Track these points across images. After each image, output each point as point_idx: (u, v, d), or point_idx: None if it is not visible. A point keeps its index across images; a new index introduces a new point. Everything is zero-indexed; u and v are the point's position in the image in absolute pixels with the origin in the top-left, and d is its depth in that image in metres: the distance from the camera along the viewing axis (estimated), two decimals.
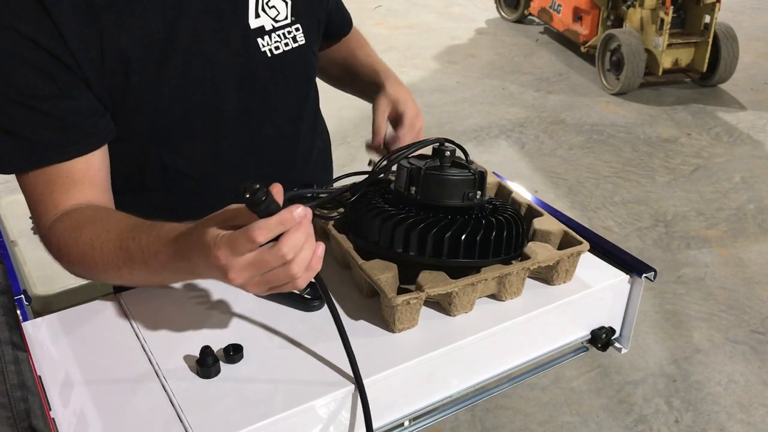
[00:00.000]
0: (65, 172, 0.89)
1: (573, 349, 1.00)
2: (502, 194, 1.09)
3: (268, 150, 1.08)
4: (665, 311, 2.65)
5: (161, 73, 0.91)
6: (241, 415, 0.74)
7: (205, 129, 1.00)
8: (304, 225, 0.70)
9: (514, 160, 3.83)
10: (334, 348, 0.83)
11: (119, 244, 0.81)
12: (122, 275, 0.84)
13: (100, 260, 0.83)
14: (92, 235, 0.84)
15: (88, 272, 0.88)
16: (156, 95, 0.92)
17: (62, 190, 0.89)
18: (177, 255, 0.76)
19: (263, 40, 1.00)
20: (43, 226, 0.90)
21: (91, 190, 0.91)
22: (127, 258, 0.81)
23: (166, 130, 0.97)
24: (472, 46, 5.66)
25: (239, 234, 0.68)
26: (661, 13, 4.30)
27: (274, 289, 0.74)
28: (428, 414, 0.88)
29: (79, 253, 0.85)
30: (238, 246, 0.68)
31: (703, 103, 4.49)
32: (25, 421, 0.67)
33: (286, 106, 1.08)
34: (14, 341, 0.74)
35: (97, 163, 0.92)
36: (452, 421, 2.15)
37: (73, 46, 0.84)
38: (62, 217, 0.88)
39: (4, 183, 3.63)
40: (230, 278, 0.70)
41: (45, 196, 0.89)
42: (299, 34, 1.04)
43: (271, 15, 1.02)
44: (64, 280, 1.84)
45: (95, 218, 0.87)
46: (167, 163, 1.00)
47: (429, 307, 0.90)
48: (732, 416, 2.19)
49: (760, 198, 3.45)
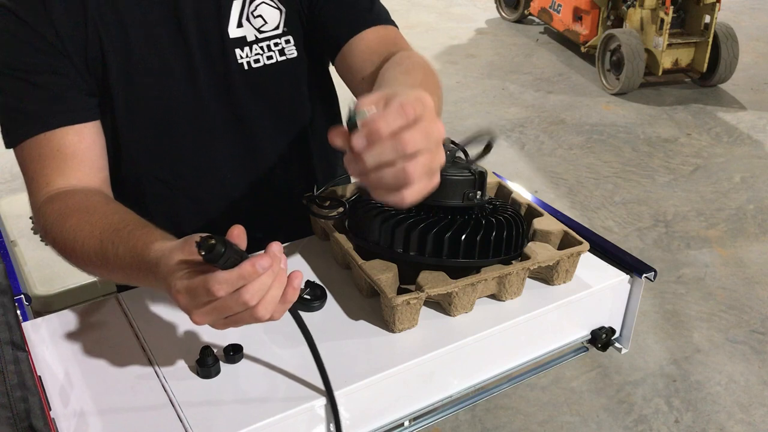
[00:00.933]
0: (56, 144, 0.90)
1: (573, 349, 1.00)
2: (502, 194, 1.09)
3: (253, 162, 1.06)
4: (665, 311, 2.65)
5: (136, 72, 0.94)
6: (241, 415, 0.74)
7: (182, 134, 1.00)
8: (271, 270, 0.65)
9: (514, 160, 3.83)
10: (334, 348, 0.83)
11: (99, 245, 0.81)
12: (102, 274, 0.84)
13: (81, 254, 0.83)
14: (76, 227, 0.83)
15: (71, 261, 0.87)
16: (128, 88, 0.94)
17: (53, 165, 0.89)
18: (149, 276, 0.74)
19: (242, 52, 0.98)
20: (34, 204, 0.91)
21: (83, 168, 0.91)
22: (105, 260, 0.80)
23: (140, 128, 0.98)
24: (472, 46, 5.66)
25: (198, 284, 0.65)
26: (661, 13, 4.30)
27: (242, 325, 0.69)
28: (428, 414, 0.88)
29: (62, 241, 0.85)
30: (197, 296, 0.65)
31: (703, 103, 4.49)
32: (25, 421, 0.67)
33: (267, 121, 1.04)
34: (14, 341, 0.74)
35: (89, 139, 0.92)
36: (452, 421, 2.15)
37: (63, 36, 0.90)
38: (53, 198, 0.88)
39: (3, 183, 3.63)
40: (193, 320, 0.68)
41: (37, 173, 0.90)
42: (290, 47, 1.00)
43: (256, 25, 0.98)
44: (64, 280, 1.84)
45: (82, 207, 0.86)
46: (141, 164, 1.00)
47: (429, 307, 0.90)
48: (732, 416, 2.19)
49: (760, 198, 3.45)
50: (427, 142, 0.60)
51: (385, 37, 1.00)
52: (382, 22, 1.01)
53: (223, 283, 0.63)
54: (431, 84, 0.89)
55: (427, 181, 0.62)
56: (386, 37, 1.01)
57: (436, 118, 0.63)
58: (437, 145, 0.62)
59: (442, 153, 0.63)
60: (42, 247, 1.97)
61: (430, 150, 0.61)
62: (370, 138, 0.59)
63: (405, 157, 0.59)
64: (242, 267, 0.63)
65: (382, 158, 0.59)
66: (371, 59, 0.98)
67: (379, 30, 1.00)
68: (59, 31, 0.89)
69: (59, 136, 0.90)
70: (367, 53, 0.99)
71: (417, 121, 0.59)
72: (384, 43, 0.99)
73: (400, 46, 0.99)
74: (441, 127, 0.63)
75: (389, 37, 1.01)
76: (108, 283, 1.85)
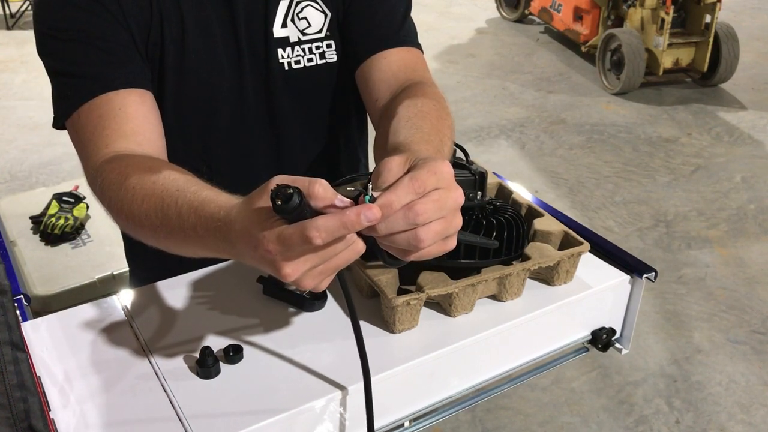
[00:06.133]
0: (118, 104, 0.88)
1: (573, 349, 0.99)
2: (503, 194, 1.09)
3: (283, 162, 1.08)
4: (666, 311, 2.65)
5: (189, 62, 0.95)
6: (241, 415, 0.74)
7: (223, 129, 1.02)
8: None
9: (514, 160, 3.83)
10: (334, 348, 0.83)
11: (160, 203, 0.74)
12: (159, 238, 0.77)
13: (138, 214, 0.77)
14: (136, 185, 0.78)
15: (128, 225, 0.81)
16: (180, 80, 0.95)
17: (115, 125, 0.87)
18: (218, 235, 0.67)
19: (284, 52, 0.99)
20: (91, 167, 0.86)
21: (144, 132, 0.88)
22: (165, 220, 0.74)
23: (185, 120, 0.99)
24: (472, 45, 5.66)
25: (293, 232, 0.59)
26: (662, 12, 4.30)
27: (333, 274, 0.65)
28: (429, 414, 0.88)
29: (119, 201, 0.79)
30: (291, 246, 0.59)
31: (703, 103, 4.49)
32: (24, 422, 0.67)
33: (302, 122, 1.06)
34: (14, 341, 0.74)
35: (150, 104, 0.91)
36: (453, 422, 2.15)
37: (128, 16, 0.90)
38: (112, 159, 0.84)
39: (3, 183, 3.64)
40: (285, 275, 0.61)
41: (96, 134, 0.87)
42: (330, 51, 1.02)
43: (300, 27, 1.00)
44: (64, 280, 1.84)
45: (145, 166, 0.81)
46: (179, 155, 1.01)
47: (429, 308, 0.90)
48: (732, 416, 2.19)
49: (760, 198, 3.45)
50: (440, 212, 0.62)
51: (408, 62, 1.01)
52: (408, 44, 1.02)
53: (322, 230, 0.58)
54: (444, 128, 0.87)
55: (441, 245, 0.64)
56: (409, 61, 1.01)
57: (452, 185, 0.63)
58: (453, 212, 0.63)
59: (458, 219, 0.64)
60: (42, 248, 1.98)
61: (445, 217, 0.62)
62: (384, 211, 0.60)
63: (417, 226, 0.61)
64: (347, 213, 0.58)
65: (394, 228, 0.61)
66: (389, 82, 0.99)
67: (403, 52, 1.01)
68: (125, 11, 0.90)
69: (122, 96, 0.88)
70: (387, 73, 0.99)
71: (430, 193, 0.61)
72: (405, 68, 1.00)
73: (418, 74, 1.00)
74: (459, 194, 0.64)
75: (411, 62, 1.01)
76: (108, 283, 1.85)
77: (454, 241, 0.65)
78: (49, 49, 0.91)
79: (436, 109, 0.90)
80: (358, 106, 1.11)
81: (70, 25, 0.88)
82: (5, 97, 4.70)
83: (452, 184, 0.64)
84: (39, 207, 2.09)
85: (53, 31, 0.90)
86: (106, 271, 1.86)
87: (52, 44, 0.90)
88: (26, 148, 3.98)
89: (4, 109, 4.51)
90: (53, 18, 0.90)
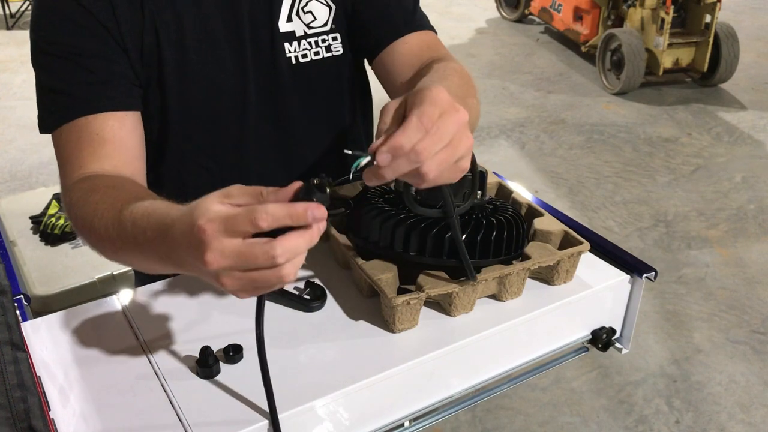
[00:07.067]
0: (96, 128, 0.89)
1: (573, 349, 0.99)
2: (503, 194, 1.09)
3: (290, 156, 1.08)
4: (666, 311, 2.65)
5: (190, 63, 0.95)
6: (241, 415, 0.74)
7: (228, 125, 1.02)
8: (312, 231, 0.60)
9: (514, 160, 3.83)
10: (334, 348, 0.83)
11: (118, 215, 0.75)
12: (115, 249, 0.78)
13: (99, 228, 0.78)
14: (99, 200, 0.80)
15: (90, 239, 0.82)
16: (182, 80, 0.95)
17: (91, 149, 0.89)
18: (161, 231, 0.66)
19: (290, 46, 1.00)
20: (65, 186, 0.90)
21: (119, 155, 0.90)
22: (121, 231, 0.74)
23: (190, 119, 0.99)
24: (472, 45, 5.66)
25: (240, 212, 0.59)
26: (662, 12, 4.30)
27: (254, 292, 0.63)
28: (428, 414, 0.88)
29: (83, 216, 0.81)
30: (234, 225, 0.58)
31: (703, 103, 4.49)
32: (24, 422, 0.67)
33: (309, 116, 1.06)
34: (13, 341, 0.74)
35: (129, 126, 0.92)
36: (453, 422, 2.15)
37: (120, 22, 0.90)
38: (84, 178, 0.87)
39: (3, 183, 3.63)
40: (206, 260, 0.59)
41: (73, 156, 0.89)
42: (336, 43, 1.02)
43: (305, 20, 1.00)
44: (64, 280, 1.84)
45: (111, 185, 0.84)
46: (186, 154, 1.01)
47: (429, 308, 0.90)
48: (733, 416, 2.19)
49: (760, 198, 3.45)
50: (442, 142, 0.63)
51: (427, 43, 1.03)
52: (425, 27, 1.04)
53: (270, 214, 0.57)
54: (467, 87, 0.90)
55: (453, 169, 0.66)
56: (427, 42, 1.03)
57: (451, 109, 0.64)
58: (458, 135, 0.64)
59: (465, 139, 0.65)
60: (42, 248, 1.98)
61: (449, 144, 0.63)
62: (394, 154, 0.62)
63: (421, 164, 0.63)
64: (295, 206, 0.58)
65: (400, 171, 0.63)
66: (411, 63, 1.00)
67: (421, 35, 1.03)
68: (117, 17, 0.90)
69: (100, 120, 0.90)
70: (408, 57, 1.01)
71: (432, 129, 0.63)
72: (425, 48, 1.02)
73: (440, 52, 1.01)
74: (459, 115, 0.64)
75: (430, 43, 1.03)
76: (108, 283, 1.85)
77: (467, 162, 0.67)
78: (39, 61, 0.93)
79: (458, 71, 0.93)
80: (363, 97, 1.13)
81: (62, 39, 0.90)
82: (5, 97, 4.71)
83: (451, 107, 0.64)
84: (39, 207, 2.09)
85: (45, 44, 0.91)
86: (106, 271, 1.86)
87: (43, 58, 0.92)
88: (26, 148, 3.98)
89: (4, 109, 4.52)
90: (47, 30, 0.91)
